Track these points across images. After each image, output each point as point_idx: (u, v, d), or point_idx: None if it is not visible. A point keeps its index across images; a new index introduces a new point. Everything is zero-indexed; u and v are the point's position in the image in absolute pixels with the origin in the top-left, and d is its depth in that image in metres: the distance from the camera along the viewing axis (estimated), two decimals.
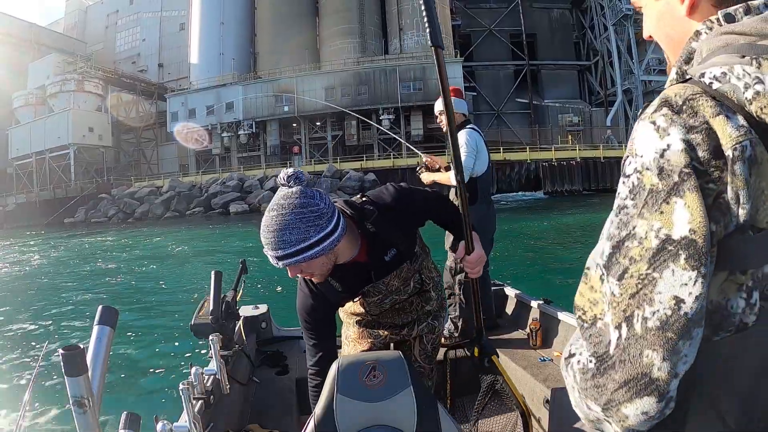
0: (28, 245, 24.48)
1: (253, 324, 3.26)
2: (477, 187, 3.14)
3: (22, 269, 15.85)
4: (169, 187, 37.25)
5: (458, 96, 3.19)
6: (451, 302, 3.25)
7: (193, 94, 40.97)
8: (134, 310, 8.68)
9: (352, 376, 1.35)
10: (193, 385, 1.83)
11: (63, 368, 0.85)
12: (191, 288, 10.50)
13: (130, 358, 5.97)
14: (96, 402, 0.92)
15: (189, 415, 1.65)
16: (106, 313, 1.05)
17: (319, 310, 1.61)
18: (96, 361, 0.98)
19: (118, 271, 14.02)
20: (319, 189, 1.43)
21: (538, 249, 14.04)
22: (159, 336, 6.89)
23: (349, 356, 1.45)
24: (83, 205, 40.31)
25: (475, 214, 3.07)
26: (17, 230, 37.38)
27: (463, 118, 3.22)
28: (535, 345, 2.94)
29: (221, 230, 24.70)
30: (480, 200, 3.17)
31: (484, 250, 3.14)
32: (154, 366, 5.75)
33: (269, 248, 1.34)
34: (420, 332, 1.90)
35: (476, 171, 3.14)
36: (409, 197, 1.62)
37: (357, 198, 1.62)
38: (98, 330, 1.02)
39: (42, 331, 7.50)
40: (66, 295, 10.59)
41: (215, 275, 2.37)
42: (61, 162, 45.31)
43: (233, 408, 2.30)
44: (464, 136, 3.10)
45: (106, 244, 22.32)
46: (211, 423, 1.93)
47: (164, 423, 1.52)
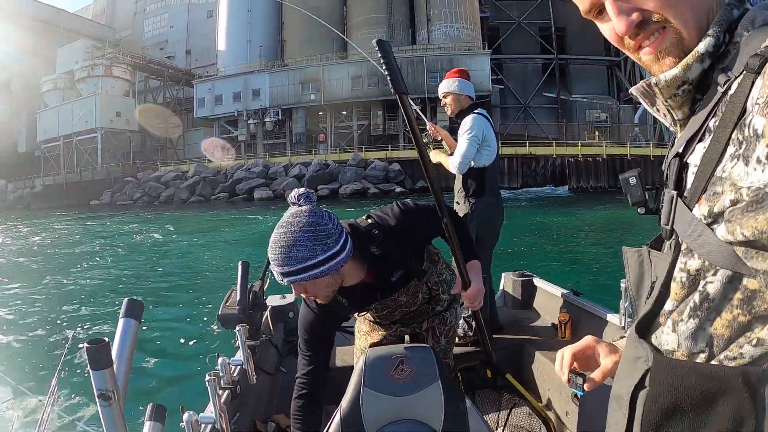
0: (55, 227, 24.81)
1: (281, 314, 3.21)
2: (484, 178, 2.92)
3: (48, 251, 15.96)
4: (194, 172, 37.51)
5: (464, 77, 2.98)
6: (462, 301, 3.13)
7: (220, 80, 41.13)
8: (159, 298, 8.68)
9: (379, 369, 1.33)
10: (220, 376, 1.83)
11: (88, 362, 0.85)
12: (217, 276, 10.45)
13: (155, 349, 5.92)
14: (121, 395, 0.91)
15: (215, 405, 1.63)
16: (131, 305, 1.04)
17: (320, 328, 1.62)
18: (121, 354, 0.98)
19: (143, 257, 14.03)
20: (328, 210, 1.45)
21: (564, 243, 13.84)
22: (185, 326, 6.83)
23: (377, 349, 1.42)
24: (109, 188, 40.82)
25: (482, 207, 2.94)
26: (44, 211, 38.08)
27: (471, 101, 2.97)
28: (563, 337, 2.84)
29: (246, 216, 24.74)
30: (488, 192, 2.95)
31: (490, 244, 3.07)
32: (180, 356, 5.73)
33: (275, 264, 1.35)
34: (431, 324, 1.91)
35: (483, 161, 2.90)
36: (417, 218, 1.59)
37: (362, 220, 1.60)
38: (124, 323, 1.02)
39: (66, 319, 7.49)
40: (92, 281, 10.61)
41: (242, 265, 2.36)
42: (89, 145, 45.94)
43: (260, 398, 2.28)
44: (469, 122, 2.83)
45: (132, 227, 22.50)
46: (237, 413, 1.92)
47: (190, 414, 1.51)
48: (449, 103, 2.97)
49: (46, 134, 49.57)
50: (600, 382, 0.82)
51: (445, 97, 2.99)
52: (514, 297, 3.56)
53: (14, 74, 55.79)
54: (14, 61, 53.45)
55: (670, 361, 0.56)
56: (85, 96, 47.57)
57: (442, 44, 40.50)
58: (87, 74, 48.94)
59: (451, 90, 2.94)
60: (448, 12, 41.91)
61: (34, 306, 8.58)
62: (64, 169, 46.43)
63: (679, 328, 0.58)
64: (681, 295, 0.58)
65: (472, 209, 2.92)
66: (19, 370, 5.39)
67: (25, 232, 23.70)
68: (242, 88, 40.13)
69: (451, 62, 38.58)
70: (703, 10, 0.60)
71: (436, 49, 39.81)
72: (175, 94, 48.29)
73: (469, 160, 2.84)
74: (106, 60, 48.53)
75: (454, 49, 39.76)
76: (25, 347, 6.15)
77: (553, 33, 44.91)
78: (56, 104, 50.67)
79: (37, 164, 49.75)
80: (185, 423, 1.50)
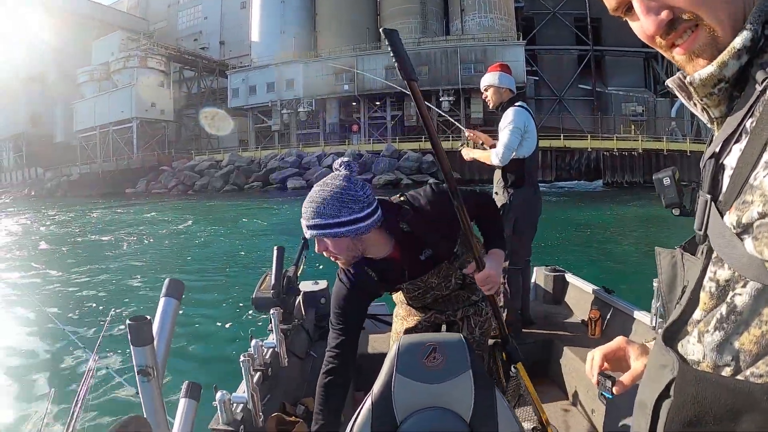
0: (91, 214, 25.38)
1: (313, 299, 3.29)
2: (524, 169, 2.97)
3: (87, 236, 16.37)
4: (228, 161, 37.89)
5: (505, 71, 3.04)
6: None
7: (254, 71, 41.43)
8: (196, 281, 8.87)
9: (412, 356, 1.35)
10: (253, 358, 1.87)
11: (129, 338, 0.88)
12: (251, 262, 10.67)
13: (191, 329, 6.06)
14: (160, 372, 0.94)
15: (248, 386, 1.69)
16: (172, 285, 1.05)
17: (351, 303, 1.66)
18: (161, 332, 1.00)
19: (179, 242, 14.29)
20: (366, 182, 1.55)
21: (597, 239, 13.59)
22: (219, 308, 6.94)
23: (410, 336, 1.43)
24: (144, 177, 41.53)
25: (521, 198, 2.96)
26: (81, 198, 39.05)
27: (511, 94, 3.04)
28: (593, 334, 2.82)
29: (280, 205, 24.90)
30: (527, 183, 3.00)
31: (529, 235, 3.10)
32: (213, 337, 5.85)
33: (303, 217, 1.49)
34: (466, 313, 1.91)
35: (523, 152, 2.94)
36: (448, 200, 1.54)
37: (395, 197, 1.67)
38: (165, 302, 1.03)
39: (107, 298, 7.68)
40: (130, 265, 10.85)
41: (278, 251, 2.41)
42: (124, 135, 46.82)
43: (290, 381, 2.34)
44: (511, 114, 2.90)
45: (168, 214, 22.84)
46: (268, 395, 1.97)
47: (223, 393, 1.57)
48: (490, 95, 3.03)
49: (82, 124, 50.70)
50: (629, 386, 0.80)
51: (486, 90, 3.04)
52: (546, 291, 3.57)
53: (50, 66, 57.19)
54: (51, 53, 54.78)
55: (695, 373, 0.54)
56: (121, 87, 48.44)
57: (475, 35, 40.00)
58: (122, 66, 49.83)
59: (492, 83, 3.01)
60: (482, 2, 41.36)
61: (74, 287, 8.83)
62: (100, 158, 47.43)
63: (704, 339, 0.55)
64: (709, 305, 0.56)
65: (510, 200, 2.95)
66: (60, 345, 5.53)
67: (64, 218, 24.34)
68: (276, 79, 40.35)
69: (485, 53, 38.13)
70: (738, 4, 0.55)
71: (469, 40, 39.34)
72: (210, 85, 48.81)
73: (512, 150, 2.87)
74: (141, 51, 49.32)
75: (488, 40, 39.23)
76: (67, 323, 6.26)
77: (589, 23, 43.90)
78: (92, 95, 51.74)
79: (73, 153, 50.94)
80: (218, 402, 1.56)
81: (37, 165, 53.80)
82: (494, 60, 38.22)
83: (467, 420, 1.30)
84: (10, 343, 5.88)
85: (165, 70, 49.96)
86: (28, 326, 6.47)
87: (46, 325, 6.17)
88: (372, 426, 1.30)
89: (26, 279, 9.77)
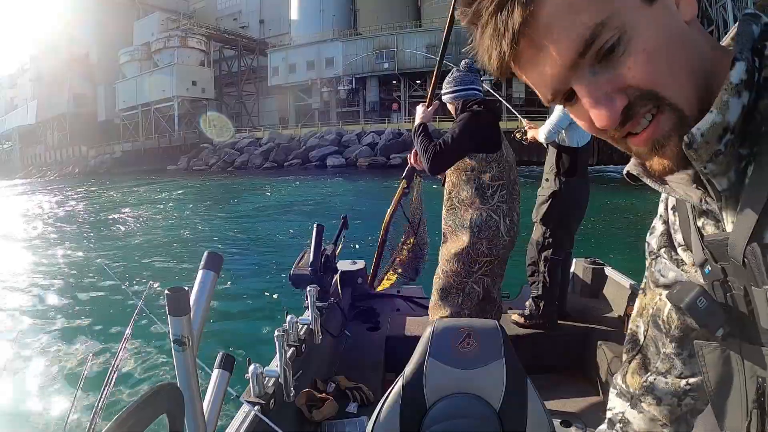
0: (135, 189, 25.99)
1: (350, 279, 3.31)
2: (577, 158, 2.91)
3: (132, 212, 16.65)
4: (268, 139, 38.23)
5: None
6: (534, 280, 3.02)
7: (294, 49, 41.54)
8: (235, 254, 8.97)
9: (445, 341, 1.35)
10: (288, 333, 1.92)
11: (167, 308, 0.90)
12: (291, 237, 10.68)
13: (229, 301, 6.10)
14: (195, 342, 0.96)
15: (281, 360, 1.73)
16: (211, 258, 1.07)
17: (483, 128, 2.36)
18: (198, 304, 1.01)
19: (221, 217, 14.46)
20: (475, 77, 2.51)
21: (638, 228, 12.87)
22: (257, 282, 6.96)
23: (445, 321, 1.44)
24: (185, 154, 42.28)
25: (571, 187, 2.92)
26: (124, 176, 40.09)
27: None
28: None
29: (320, 183, 24.97)
30: (579, 173, 2.93)
31: (575, 225, 3.12)
32: (250, 311, 5.88)
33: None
34: None
35: (577, 140, 2.87)
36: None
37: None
38: (203, 274, 1.05)
39: (147, 271, 7.79)
40: (171, 238, 11.00)
41: (317, 228, 2.47)
42: (166, 113, 47.72)
43: (323, 358, 2.37)
44: None
45: (210, 191, 23.22)
46: (300, 370, 1.99)
47: (256, 366, 1.61)
48: None
49: (125, 103, 51.89)
50: None
51: None
52: (584, 284, 3.49)
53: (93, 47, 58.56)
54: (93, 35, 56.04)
55: None
56: (162, 66, 49.29)
57: None
58: (163, 46, 50.66)
59: None
60: None
61: (116, 258, 9.11)
62: (142, 136, 48.53)
63: None
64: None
65: (560, 188, 2.90)
66: (99, 314, 5.65)
67: (110, 194, 25.02)
68: (315, 57, 40.38)
69: None
70: (703, 70, 0.44)
71: None
72: (250, 63, 49.21)
73: (559, 129, 2.84)
74: (181, 32, 50.01)
75: None
76: (107, 293, 6.44)
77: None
78: (134, 75, 52.82)
79: (116, 132, 52.25)
80: (251, 374, 1.60)
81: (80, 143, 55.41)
82: None
83: (496, 408, 1.29)
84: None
85: (205, 49, 50.60)
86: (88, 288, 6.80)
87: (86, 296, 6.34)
88: (402, 407, 1.30)
89: (79, 249, 10.22)
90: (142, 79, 50.49)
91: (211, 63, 51.08)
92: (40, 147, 63.06)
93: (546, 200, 2.93)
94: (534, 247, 3.03)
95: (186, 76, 47.55)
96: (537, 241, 3.00)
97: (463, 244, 2.32)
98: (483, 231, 2.31)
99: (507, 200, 2.35)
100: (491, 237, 2.31)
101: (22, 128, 65.92)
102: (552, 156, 2.97)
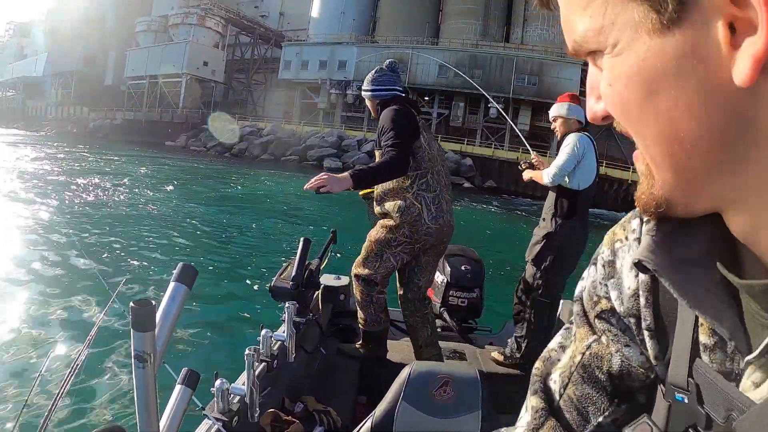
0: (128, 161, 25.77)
1: (332, 294, 3.22)
2: (577, 201, 2.87)
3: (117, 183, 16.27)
4: (269, 131, 38.16)
5: (574, 102, 2.99)
6: (519, 320, 3.02)
7: (309, 46, 41.56)
8: (213, 255, 8.44)
9: (421, 385, 1.30)
10: (258, 351, 1.86)
11: (131, 322, 0.84)
12: (275, 241, 10.28)
13: (203, 310, 5.71)
14: (158, 358, 0.91)
15: (249, 379, 1.65)
16: (185, 271, 0.99)
17: (410, 116, 2.53)
18: (165, 319, 0.95)
19: (207, 206, 13.98)
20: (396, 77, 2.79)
21: None
22: (234, 289, 6.66)
23: (423, 363, 1.38)
24: (186, 132, 42.09)
25: (567, 230, 2.88)
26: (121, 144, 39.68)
27: (579, 124, 2.98)
28: None
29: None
30: (577, 216, 2.89)
31: (567, 269, 3.03)
32: (226, 321, 5.55)
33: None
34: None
35: (578, 183, 2.84)
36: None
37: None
38: (174, 287, 0.97)
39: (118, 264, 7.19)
40: (153, 224, 10.43)
41: (303, 242, 2.41)
42: (172, 89, 47.51)
43: (294, 376, 2.29)
44: (573, 138, 2.86)
45: (202, 175, 22.93)
46: (269, 387, 1.94)
47: (222, 381, 1.53)
48: (558, 126, 3.03)
49: (133, 72, 51.65)
50: None
51: (554, 121, 3.04)
52: None
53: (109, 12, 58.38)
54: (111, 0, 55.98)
55: None
56: (176, 42, 49.18)
57: (535, 46, 39.45)
58: (180, 21, 50.61)
59: (560, 114, 3.00)
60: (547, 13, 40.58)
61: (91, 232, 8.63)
62: (145, 107, 48.27)
63: None
64: None
65: (556, 230, 2.87)
66: (59, 315, 5.15)
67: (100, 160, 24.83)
68: (329, 58, 40.41)
69: (542, 66, 37.58)
70: (722, 157, 0.30)
71: (528, 50, 38.82)
72: (263, 53, 49.17)
73: (565, 173, 2.82)
74: (201, 10, 49.95)
75: (546, 53, 38.67)
76: (67, 292, 5.75)
77: None
78: (147, 45, 52.66)
79: (120, 98, 51.97)
80: (216, 390, 1.52)
81: (83, 105, 55.10)
82: (550, 75, 37.87)
83: None
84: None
85: (222, 32, 50.55)
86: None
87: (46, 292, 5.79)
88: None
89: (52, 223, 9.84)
90: (154, 50, 50.35)
91: (225, 46, 51.00)
92: (42, 101, 62.67)
93: (540, 241, 2.92)
94: (523, 286, 3.02)
95: (198, 55, 47.44)
96: (527, 281, 2.99)
97: (390, 223, 2.54)
98: (405, 216, 2.49)
99: (428, 189, 2.51)
100: (413, 222, 2.49)
101: (27, 79, 65.48)
102: (552, 196, 2.97)
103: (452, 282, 3.23)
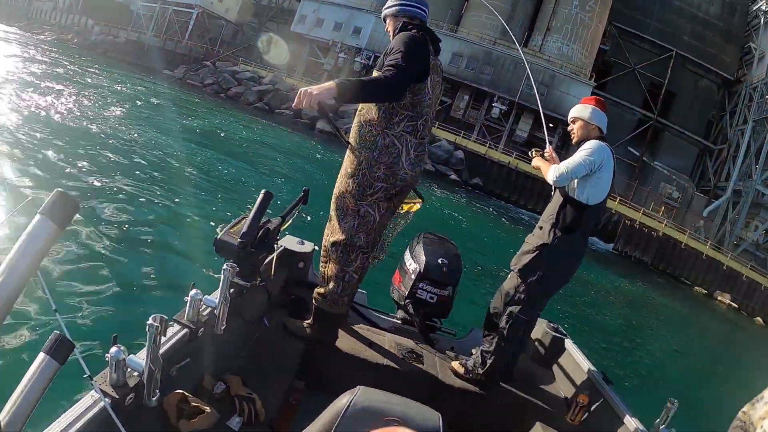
0: (112, 82, 24.92)
1: (290, 260, 2.83)
2: (582, 216, 2.51)
3: (106, 105, 15.51)
4: (270, 81, 37.40)
5: (600, 107, 2.66)
6: (490, 333, 2.67)
7: (328, 6, 40.59)
8: (160, 191, 7.45)
9: (363, 422, 1.00)
10: (185, 311, 1.66)
11: None
12: (242, 196, 9.25)
13: (127, 258, 4.76)
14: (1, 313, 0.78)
15: (149, 351, 1.33)
16: (57, 203, 0.81)
17: (424, 56, 2.26)
18: (18, 262, 0.76)
19: (188, 141, 13.13)
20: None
21: (598, 305, 12.83)
22: (175, 239, 5.75)
23: (372, 393, 1.09)
24: (186, 65, 41.07)
25: (564, 245, 2.55)
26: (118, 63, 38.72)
27: (600, 133, 2.64)
28: (573, 420, 2.44)
29: (305, 141, 24.15)
30: (578, 233, 2.54)
31: (555, 286, 2.71)
32: (152, 276, 4.63)
33: None
34: None
35: (588, 196, 2.50)
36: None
37: None
38: (38, 222, 0.78)
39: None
40: (90, 145, 9.36)
41: (264, 195, 2.11)
42: (182, 19, 46.34)
43: (222, 350, 1.93)
44: (595, 145, 2.51)
45: (189, 105, 22.11)
46: (187, 359, 1.66)
47: (120, 348, 1.29)
48: (576, 129, 2.66)
49: None
50: None
51: (573, 122, 2.67)
52: (540, 349, 3.10)
53: None
54: None
55: None
56: None
57: (551, 57, 39.13)
58: None
59: (581, 116, 2.64)
60: (570, 29, 40.40)
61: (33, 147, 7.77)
62: (151, 32, 46.97)
63: None
64: None
65: (553, 242, 2.51)
66: None
67: (91, 76, 23.92)
68: (345, 21, 39.55)
69: (553, 79, 37.39)
70: None
71: (543, 60, 38.48)
72: (280, 2, 48.00)
73: (573, 176, 2.47)
74: None
75: (560, 67, 38.39)
76: None
77: (662, 94, 42.96)
78: None
79: (128, 17, 50.54)
80: (110, 358, 1.28)
81: (89, 16, 53.57)
82: (559, 89, 37.55)
83: None
84: None
85: None
86: None
87: None
88: None
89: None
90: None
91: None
92: (49, 4, 60.86)
93: (532, 250, 2.55)
94: (501, 297, 2.66)
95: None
96: (507, 293, 2.63)
97: (360, 164, 2.24)
98: (383, 155, 2.21)
99: (414, 133, 2.26)
100: (390, 164, 2.22)
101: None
102: (555, 203, 2.59)
103: (424, 273, 2.86)
